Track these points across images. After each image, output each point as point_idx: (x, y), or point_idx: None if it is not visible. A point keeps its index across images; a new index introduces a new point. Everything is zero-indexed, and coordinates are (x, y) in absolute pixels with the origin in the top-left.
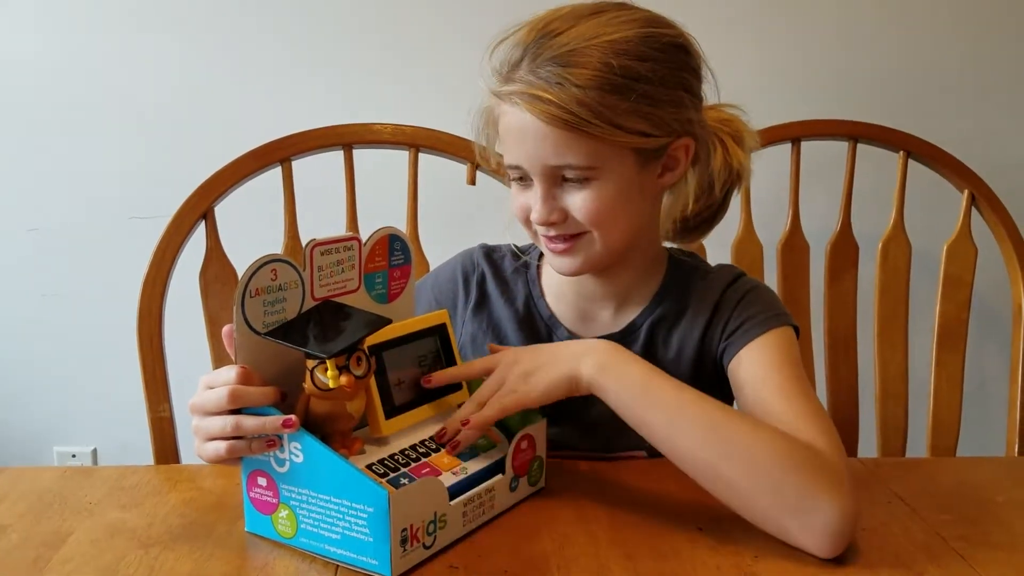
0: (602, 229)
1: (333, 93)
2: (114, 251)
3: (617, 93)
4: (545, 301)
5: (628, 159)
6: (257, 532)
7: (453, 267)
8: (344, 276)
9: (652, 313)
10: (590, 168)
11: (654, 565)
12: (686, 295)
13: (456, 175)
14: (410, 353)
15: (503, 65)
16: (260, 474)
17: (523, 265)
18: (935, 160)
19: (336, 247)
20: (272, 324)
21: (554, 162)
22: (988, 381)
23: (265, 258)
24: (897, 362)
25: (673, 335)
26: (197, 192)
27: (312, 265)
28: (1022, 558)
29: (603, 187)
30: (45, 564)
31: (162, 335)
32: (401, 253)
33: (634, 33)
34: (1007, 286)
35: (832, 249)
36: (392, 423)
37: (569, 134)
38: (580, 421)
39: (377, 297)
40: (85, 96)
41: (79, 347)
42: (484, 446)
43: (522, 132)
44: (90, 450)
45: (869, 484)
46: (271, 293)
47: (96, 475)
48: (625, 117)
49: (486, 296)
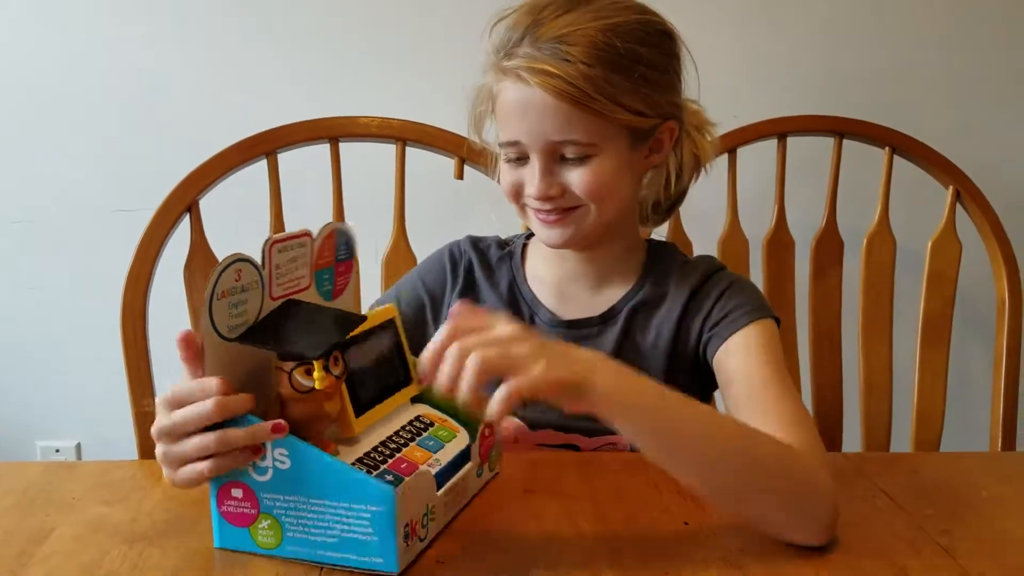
0: (600, 203)
1: (319, 86)
2: (98, 244)
3: (620, 72)
4: (528, 285)
5: (623, 137)
6: (230, 547)
7: (441, 254)
8: (298, 274)
9: (633, 298)
10: (591, 144)
11: (640, 558)
12: (666, 281)
13: (444, 169)
14: (368, 350)
15: (505, 42)
16: (235, 486)
17: (507, 254)
18: (920, 156)
19: (291, 244)
20: (237, 328)
21: (557, 137)
22: (972, 376)
23: (232, 257)
24: (882, 357)
25: (652, 320)
26: (182, 185)
27: (271, 263)
28: (1004, 552)
29: (602, 163)
30: (28, 559)
31: (146, 329)
32: (345, 248)
33: (632, 18)
34: (991, 282)
35: (817, 245)
36: (361, 421)
37: (573, 109)
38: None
39: (324, 294)
40: (68, 88)
41: (63, 341)
42: (447, 437)
43: (524, 107)
44: (74, 445)
45: (853, 479)
46: (235, 295)
47: (79, 470)
48: (626, 96)
49: (473, 283)
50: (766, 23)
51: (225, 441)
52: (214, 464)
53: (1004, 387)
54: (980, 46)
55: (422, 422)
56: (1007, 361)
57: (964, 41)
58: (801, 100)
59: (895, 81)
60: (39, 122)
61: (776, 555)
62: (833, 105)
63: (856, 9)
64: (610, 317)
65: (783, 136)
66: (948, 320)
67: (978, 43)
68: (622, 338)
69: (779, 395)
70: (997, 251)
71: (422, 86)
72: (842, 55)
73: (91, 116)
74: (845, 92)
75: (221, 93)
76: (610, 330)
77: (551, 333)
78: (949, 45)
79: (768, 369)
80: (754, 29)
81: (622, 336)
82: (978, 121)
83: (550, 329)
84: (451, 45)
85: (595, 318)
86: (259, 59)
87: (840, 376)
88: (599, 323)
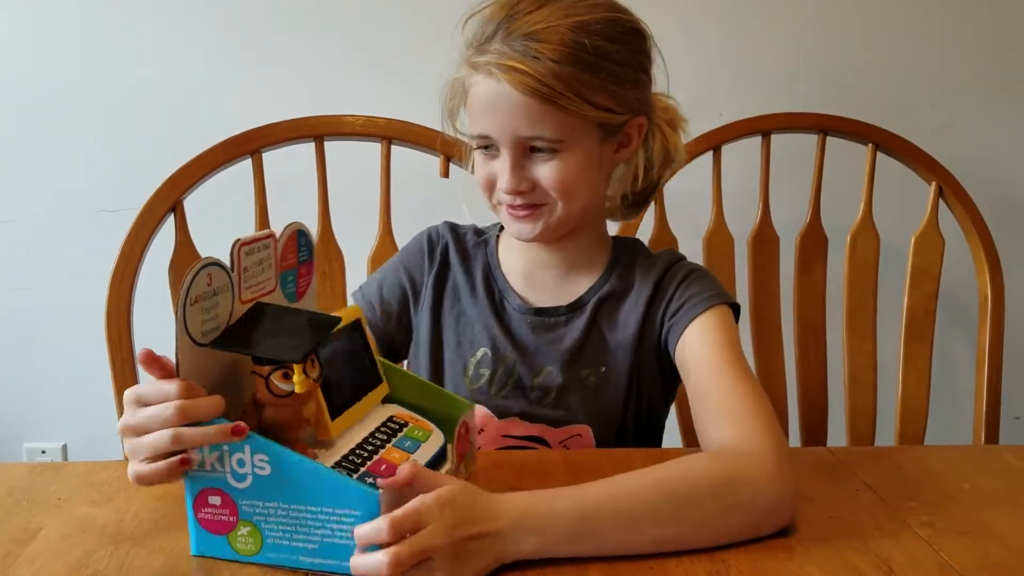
0: (566, 199)
1: (303, 84)
2: (82, 244)
3: (588, 70)
4: (501, 272)
5: (592, 133)
6: (207, 554)
7: (420, 239)
8: (264, 276)
9: (600, 289)
10: (559, 140)
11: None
12: (631, 273)
13: (428, 167)
14: (339, 351)
15: (476, 38)
16: (212, 493)
17: (483, 241)
18: (903, 153)
19: (257, 246)
20: (209, 333)
21: (526, 133)
22: (955, 371)
23: (204, 261)
24: (866, 352)
25: (618, 312)
26: (166, 184)
27: (239, 266)
28: (986, 544)
29: (570, 159)
30: (15, 560)
31: (131, 330)
32: (306, 249)
33: (602, 16)
34: (973, 277)
35: (802, 241)
36: (337, 424)
37: (542, 106)
38: (546, 380)
39: (289, 296)
40: (52, 88)
41: (48, 342)
42: (422, 437)
43: (494, 102)
44: (60, 446)
45: (837, 472)
46: (207, 299)
47: (66, 471)
48: (594, 93)
49: (447, 265)
50: (750, 21)
51: (177, 439)
52: (170, 466)
53: (987, 382)
54: (963, 44)
55: (396, 423)
56: (989, 356)
57: (947, 39)
58: (785, 98)
59: (879, 79)
60: (22, 123)
61: (760, 550)
62: (817, 103)
63: (840, 7)
64: (578, 307)
65: (767, 133)
66: (931, 315)
67: (962, 41)
68: (589, 327)
69: (731, 386)
70: (979, 247)
71: (407, 85)
72: (826, 53)
73: (75, 116)
74: (829, 90)
75: (205, 92)
76: (578, 319)
77: (521, 319)
78: (932, 43)
79: (721, 355)
80: (738, 27)
81: (589, 325)
82: (961, 118)
83: (520, 316)
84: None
85: (563, 307)
86: (243, 58)
87: (825, 371)
88: (567, 312)
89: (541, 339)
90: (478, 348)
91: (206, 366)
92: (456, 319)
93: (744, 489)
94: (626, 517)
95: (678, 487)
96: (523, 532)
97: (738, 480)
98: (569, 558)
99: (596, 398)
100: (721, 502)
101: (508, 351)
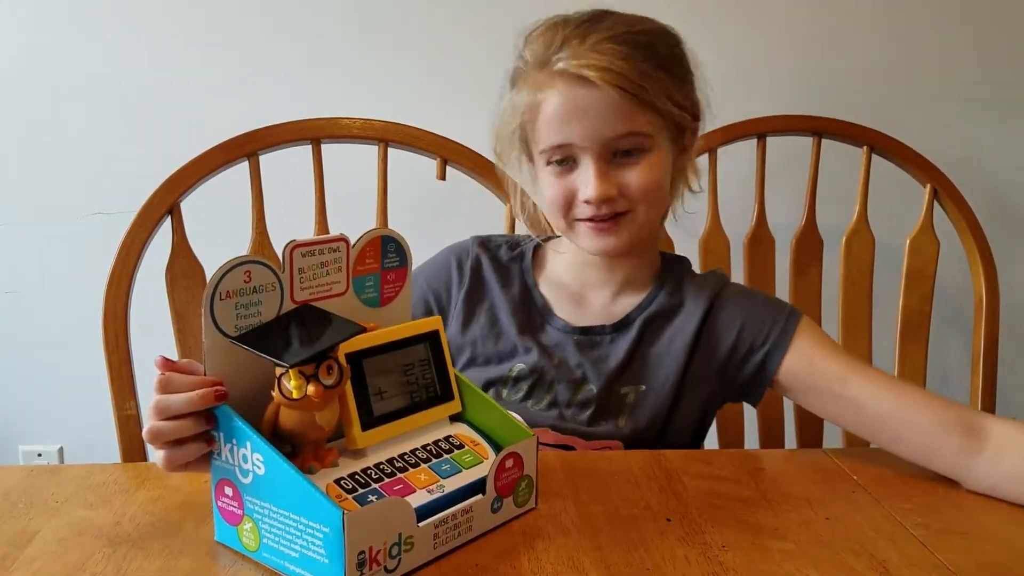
0: (649, 204)
1: (301, 87)
2: (77, 247)
3: (664, 69)
4: (540, 291)
5: (668, 136)
6: (225, 543)
7: (446, 255)
8: (330, 279)
9: (647, 308)
10: (648, 136)
11: (624, 555)
12: (680, 292)
13: (426, 170)
14: (395, 361)
15: (542, 54)
16: (227, 483)
17: (519, 255)
18: (898, 155)
19: (319, 248)
20: (245, 328)
21: (619, 131)
22: (949, 372)
23: (236, 260)
24: (861, 353)
25: (664, 331)
26: (163, 187)
27: (292, 267)
28: (980, 544)
29: (655, 161)
30: (12, 563)
31: (128, 333)
32: (396, 255)
33: (655, 27)
34: (968, 279)
35: (797, 243)
36: (369, 435)
37: (633, 103)
38: (585, 397)
39: (368, 301)
40: (47, 89)
41: (43, 345)
42: (470, 463)
43: (580, 106)
44: (56, 448)
45: (833, 473)
46: (244, 296)
47: (63, 473)
48: (674, 91)
49: (482, 281)
50: (744, 24)
51: (160, 408)
52: (174, 451)
53: (982, 383)
54: (958, 47)
55: (452, 443)
56: (984, 357)
57: (942, 42)
58: (780, 100)
59: (874, 81)
60: (16, 124)
61: (756, 552)
62: (812, 105)
63: (834, 9)
64: (624, 325)
65: (763, 136)
66: (926, 316)
67: (956, 44)
68: (635, 347)
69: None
70: (974, 249)
71: (404, 88)
72: (821, 56)
73: (69, 117)
74: (824, 92)
75: (202, 94)
76: (623, 338)
77: (566, 339)
78: (927, 46)
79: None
80: (734, 31)
81: (635, 344)
82: (956, 120)
83: (564, 335)
84: (433, 47)
85: (608, 326)
86: (241, 60)
87: None
88: (612, 331)
89: (585, 358)
90: (516, 365)
91: (236, 361)
92: (495, 338)
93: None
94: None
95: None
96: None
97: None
98: (566, 559)
99: (633, 414)
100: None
101: (549, 369)
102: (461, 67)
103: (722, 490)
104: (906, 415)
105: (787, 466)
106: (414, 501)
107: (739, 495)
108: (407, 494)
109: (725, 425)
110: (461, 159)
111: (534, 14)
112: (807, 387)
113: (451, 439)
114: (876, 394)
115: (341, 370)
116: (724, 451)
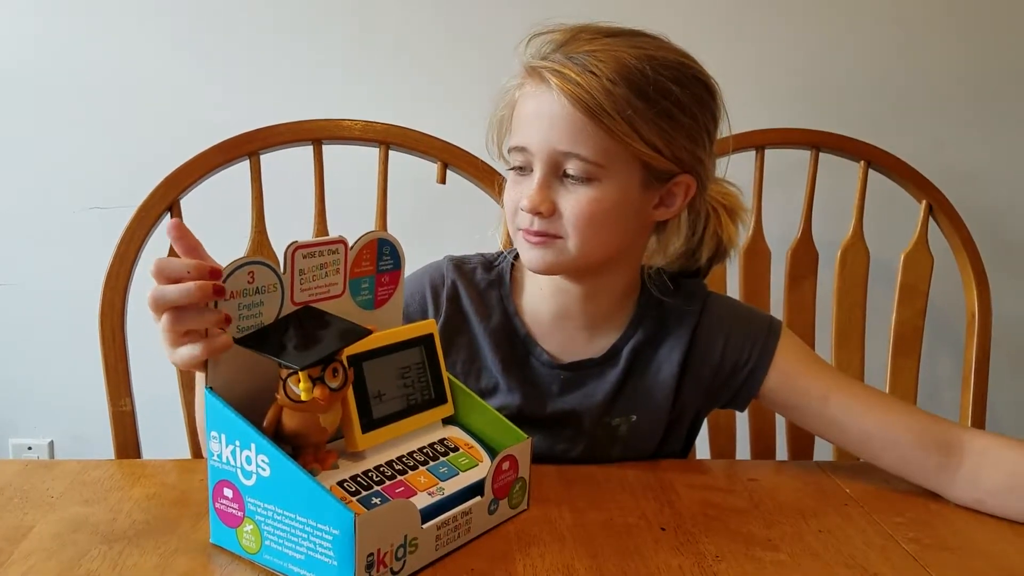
0: (581, 237)
1: (302, 88)
2: (73, 241)
3: (644, 99)
4: (521, 319)
5: (635, 172)
6: (221, 545)
7: (420, 280)
8: (328, 280)
9: (631, 338)
10: (596, 165)
11: (618, 564)
12: (661, 315)
13: (426, 173)
14: (392, 364)
15: (539, 51)
16: (226, 485)
17: (496, 279)
18: (894, 171)
19: (320, 250)
20: (247, 329)
21: (564, 148)
22: (941, 387)
23: (241, 260)
24: (854, 366)
25: (652, 360)
26: (163, 184)
27: (293, 268)
28: (972, 559)
29: (603, 191)
30: (7, 558)
31: (124, 330)
32: (391, 258)
33: (673, 58)
34: (961, 294)
35: (793, 255)
36: (369, 437)
37: (586, 121)
38: (574, 431)
39: (363, 303)
40: (47, 84)
41: (34, 338)
42: (466, 465)
43: (539, 113)
44: (47, 442)
45: (824, 486)
46: (247, 296)
47: (57, 469)
48: (644, 125)
49: (460, 313)
50: (743, 37)
51: (157, 299)
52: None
53: (972, 399)
54: (957, 64)
55: (446, 446)
56: (976, 373)
57: (940, 58)
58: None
59: (872, 96)
60: (14, 118)
61: (749, 563)
62: (810, 119)
63: (833, 24)
64: (611, 358)
65: (760, 148)
66: (919, 331)
67: (954, 59)
68: (623, 379)
69: (863, 392)
70: (968, 265)
71: (405, 90)
72: (820, 70)
73: (67, 111)
74: (822, 106)
75: (203, 92)
76: (611, 371)
77: (552, 376)
78: (926, 61)
79: (830, 375)
80: (731, 44)
81: (623, 377)
82: (952, 137)
83: (550, 371)
84: (436, 50)
85: (595, 359)
86: (242, 59)
87: None
88: (599, 364)
89: (573, 396)
90: (501, 403)
91: (239, 360)
92: (476, 373)
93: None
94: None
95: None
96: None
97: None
98: (561, 565)
99: (625, 444)
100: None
101: (537, 411)
102: (463, 72)
103: (716, 500)
104: (887, 433)
105: (781, 478)
106: (417, 504)
107: (733, 506)
108: (409, 496)
109: (717, 435)
110: (462, 164)
111: (538, 20)
112: (789, 405)
113: (446, 442)
114: (857, 412)
115: (346, 373)
116: (718, 461)
